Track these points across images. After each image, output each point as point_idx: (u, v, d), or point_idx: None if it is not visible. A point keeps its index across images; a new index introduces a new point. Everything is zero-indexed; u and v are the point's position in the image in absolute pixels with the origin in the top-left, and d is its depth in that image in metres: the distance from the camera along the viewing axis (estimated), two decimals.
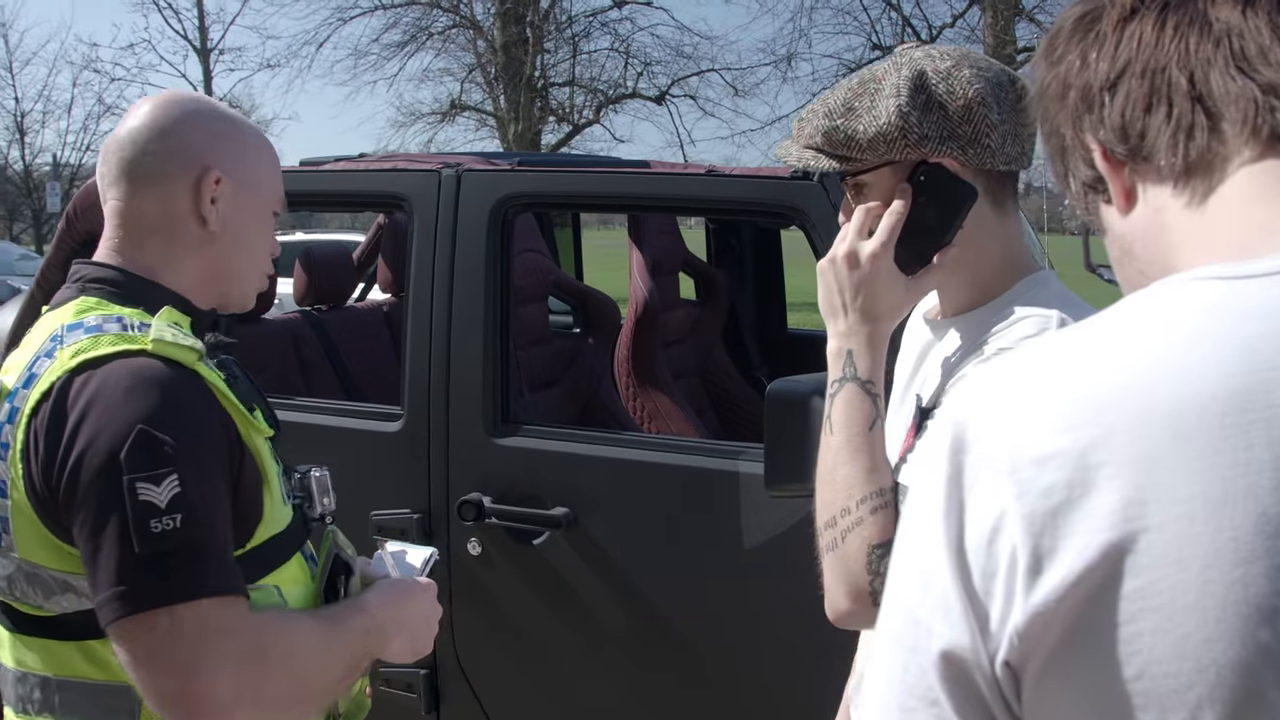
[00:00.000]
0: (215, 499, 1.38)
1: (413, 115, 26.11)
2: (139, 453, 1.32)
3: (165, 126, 1.54)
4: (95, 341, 1.39)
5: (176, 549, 1.32)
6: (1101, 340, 0.80)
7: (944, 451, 0.82)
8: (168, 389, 1.37)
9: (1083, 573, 0.73)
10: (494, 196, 2.81)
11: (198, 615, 1.32)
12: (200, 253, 1.56)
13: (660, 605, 2.66)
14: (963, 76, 1.41)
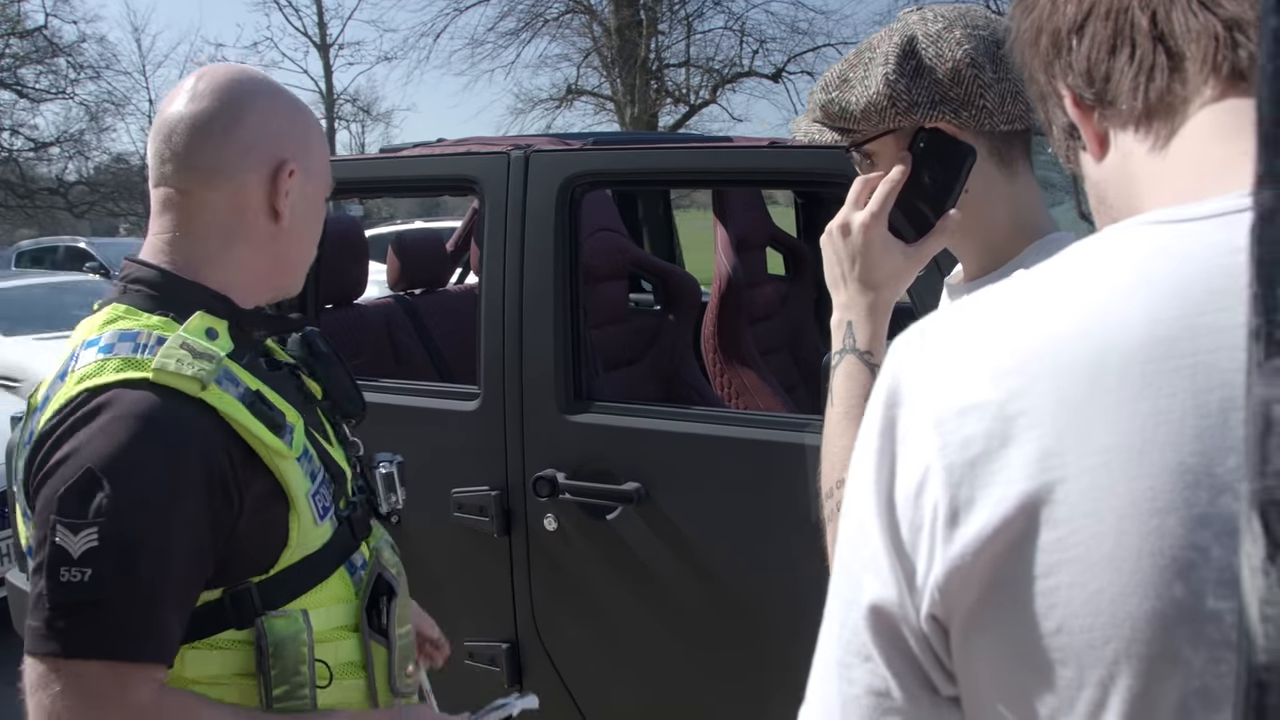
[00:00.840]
0: (151, 559, 1.29)
1: (530, 102, 26.40)
2: (71, 497, 1.27)
3: (237, 114, 1.46)
4: (101, 367, 1.35)
5: (76, 603, 1.26)
6: (1038, 290, 0.79)
7: (879, 404, 0.82)
8: (143, 433, 1.30)
9: (999, 525, 0.73)
10: (561, 176, 2.84)
11: (79, 675, 1.27)
12: (264, 246, 1.50)
13: (731, 578, 2.67)
14: (952, 38, 1.38)
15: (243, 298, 1.50)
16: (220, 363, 1.37)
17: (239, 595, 1.40)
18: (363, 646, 1.52)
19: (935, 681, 0.81)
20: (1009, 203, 1.44)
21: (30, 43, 31.73)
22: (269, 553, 1.42)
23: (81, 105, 33.71)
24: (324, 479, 1.49)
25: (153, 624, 1.30)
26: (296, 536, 1.43)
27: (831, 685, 0.85)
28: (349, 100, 37.06)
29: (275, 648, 1.39)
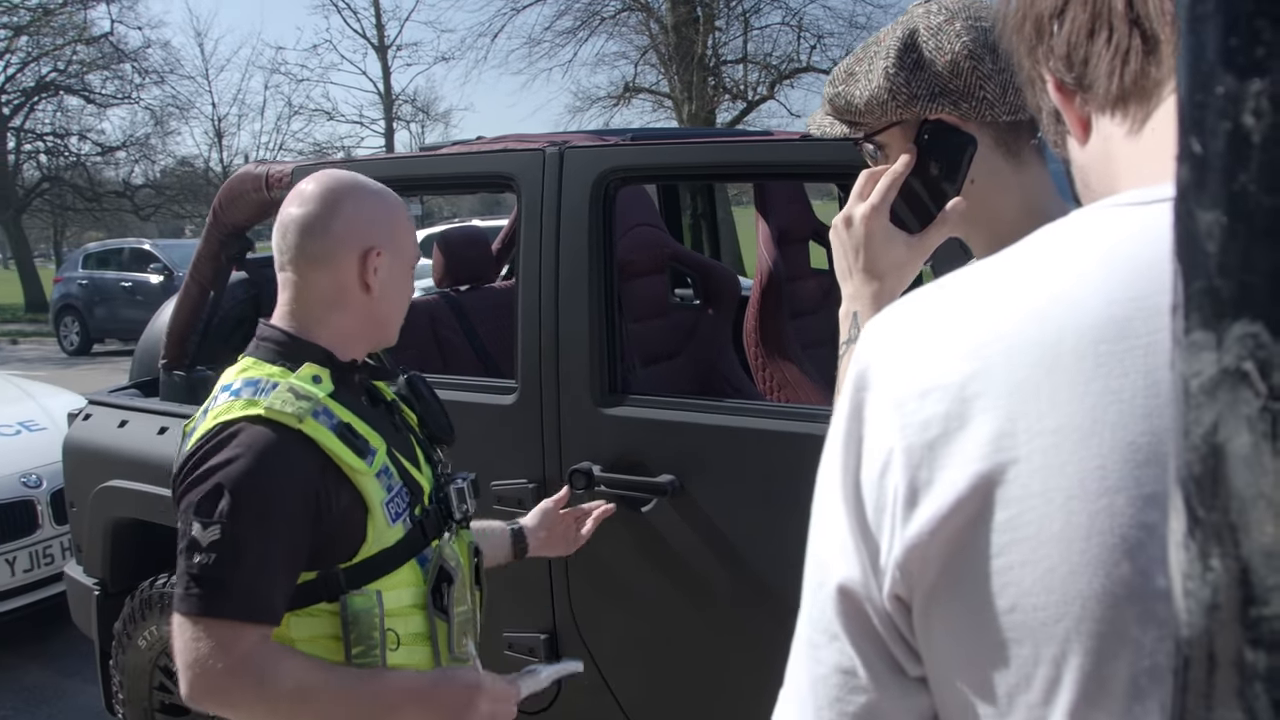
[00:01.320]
0: (251, 549, 1.75)
1: (588, 100, 26.46)
2: (204, 501, 1.76)
3: (333, 213, 1.90)
4: (230, 406, 1.82)
5: (203, 578, 1.74)
6: (1001, 273, 0.80)
7: (849, 387, 0.84)
8: (256, 456, 1.77)
9: (954, 505, 0.74)
10: (595, 171, 2.86)
11: (204, 628, 1.74)
12: (360, 310, 1.94)
13: (765, 570, 2.68)
14: (952, 30, 1.40)
15: (343, 352, 1.95)
16: (317, 402, 1.84)
17: (329, 577, 1.85)
18: (428, 621, 1.95)
19: (901, 661, 0.82)
20: (1017, 192, 1.45)
21: (96, 49, 32.30)
22: (351, 546, 1.86)
23: (147, 110, 34.30)
24: (400, 491, 1.92)
25: (258, 595, 1.76)
26: (372, 535, 1.86)
27: (802, 665, 0.87)
28: (407, 101, 37.40)
29: (354, 618, 1.84)
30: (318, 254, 1.90)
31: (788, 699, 0.90)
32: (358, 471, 1.84)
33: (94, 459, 3.97)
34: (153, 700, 3.83)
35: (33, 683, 5.40)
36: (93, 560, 4.02)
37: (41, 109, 33.26)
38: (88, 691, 5.12)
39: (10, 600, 5.49)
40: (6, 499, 5.51)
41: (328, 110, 36.84)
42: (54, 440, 5.27)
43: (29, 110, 32.94)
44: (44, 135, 33.31)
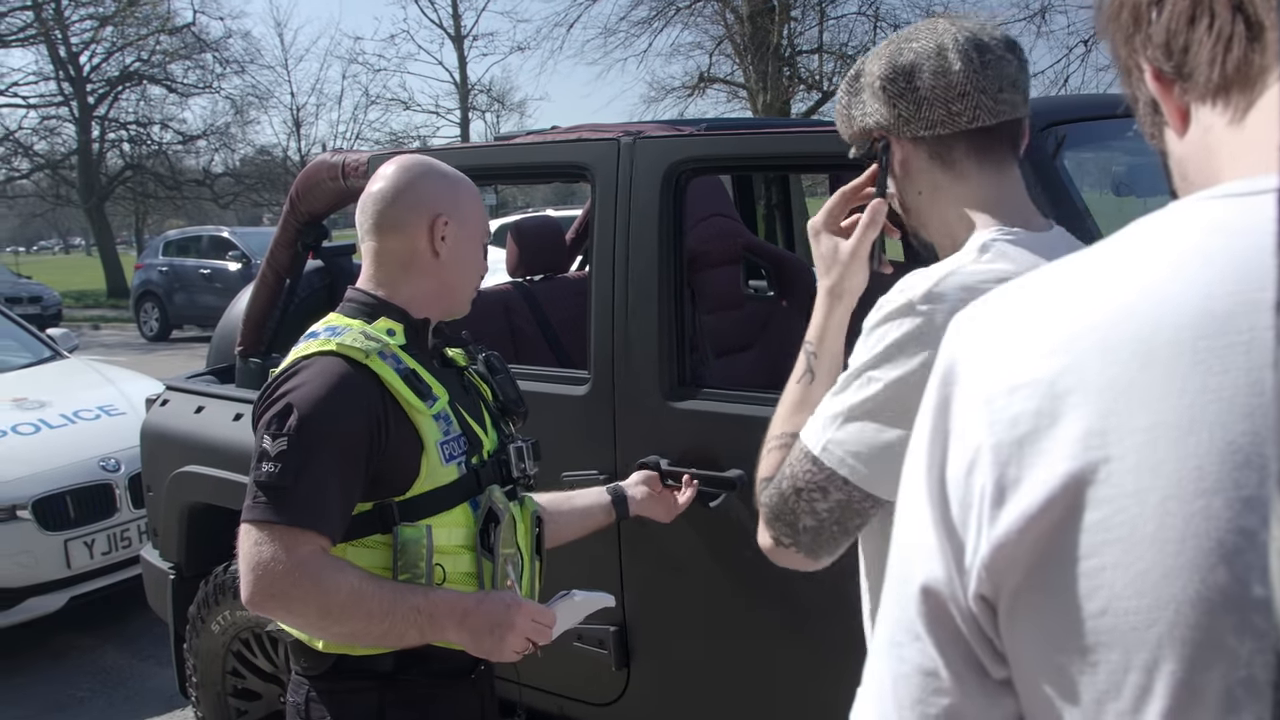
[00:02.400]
0: (314, 464, 1.91)
1: (663, 90, 26.36)
2: (277, 417, 1.94)
3: (404, 187, 2.13)
4: (307, 346, 2.04)
5: (270, 486, 1.90)
6: (1096, 266, 0.77)
7: (936, 382, 0.82)
8: (325, 382, 1.95)
9: (1044, 504, 0.72)
10: (666, 162, 2.83)
11: (268, 533, 1.89)
12: (431, 275, 2.14)
13: (834, 567, 2.63)
14: (879, 58, 1.58)
15: (417, 311, 2.15)
16: (386, 346, 2.04)
17: (383, 509, 2.01)
18: (475, 562, 2.09)
19: (985, 663, 0.80)
20: (958, 202, 1.56)
21: (179, 39, 32.82)
22: (405, 480, 2.01)
23: (227, 99, 34.78)
24: (458, 438, 2.09)
25: (318, 505, 1.91)
26: (426, 471, 2.03)
27: (884, 663, 0.86)
28: (483, 90, 37.59)
29: (402, 545, 2.00)
30: (392, 220, 2.12)
31: (868, 696, 0.88)
32: (416, 409, 2.02)
33: (170, 444, 4.02)
34: (225, 684, 3.87)
35: (109, 664, 5.50)
36: (168, 544, 4.07)
37: (125, 98, 33.90)
38: (162, 674, 5.21)
39: (88, 582, 5.60)
40: (86, 483, 5.62)
41: (404, 100, 37.15)
42: (133, 425, 5.36)
43: (113, 100, 33.57)
44: (127, 124, 33.92)
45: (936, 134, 1.54)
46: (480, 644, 2.02)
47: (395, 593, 1.95)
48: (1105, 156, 3.15)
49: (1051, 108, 2.60)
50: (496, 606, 2.02)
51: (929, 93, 1.53)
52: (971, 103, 1.51)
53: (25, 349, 7.37)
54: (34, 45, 31.86)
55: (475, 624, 1.99)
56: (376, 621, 1.93)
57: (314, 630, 2.00)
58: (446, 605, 1.98)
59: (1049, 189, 2.30)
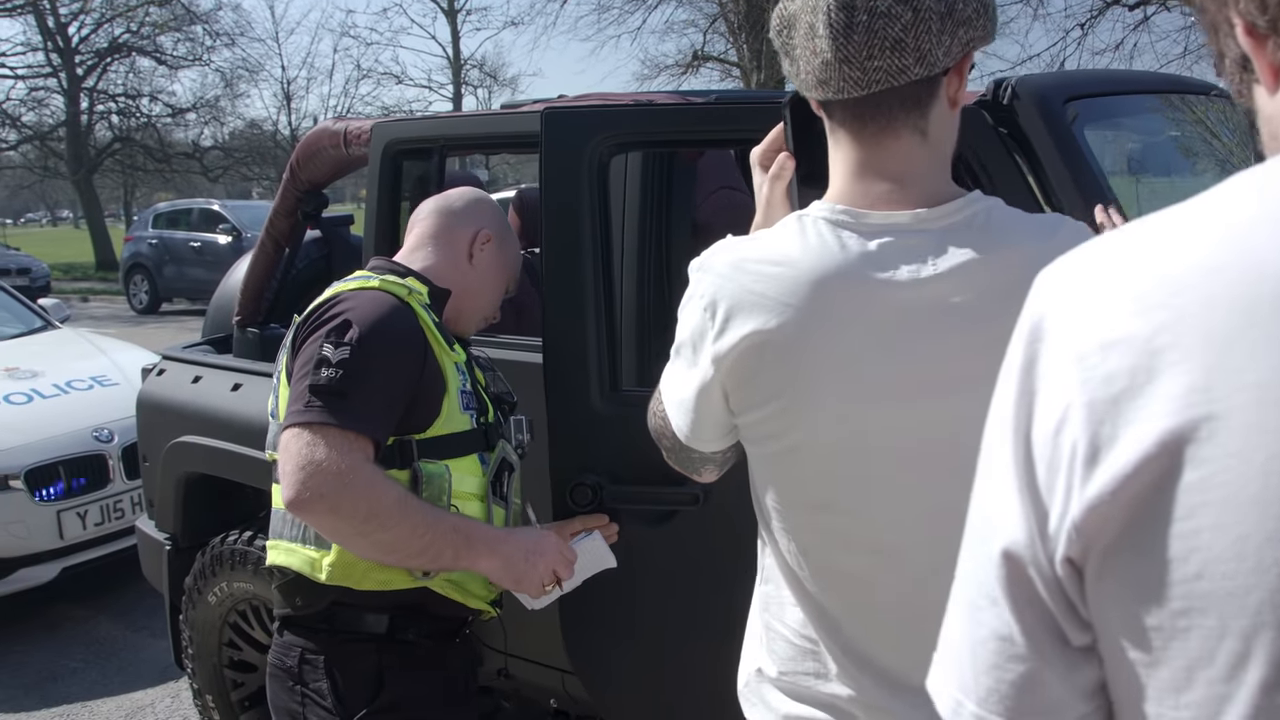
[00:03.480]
0: (372, 375, 1.98)
1: (656, 68, 26.31)
2: (336, 330, 2.01)
3: (472, 200, 2.39)
4: (346, 283, 2.17)
5: (329, 390, 1.94)
6: (1190, 219, 0.74)
7: (1021, 340, 0.79)
8: (377, 307, 2.06)
9: (1140, 463, 0.69)
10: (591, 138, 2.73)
11: (324, 434, 1.92)
12: (456, 268, 2.30)
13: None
14: None
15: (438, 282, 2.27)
16: (420, 297, 2.17)
17: (404, 444, 2.07)
18: (486, 510, 2.16)
19: (1065, 630, 0.78)
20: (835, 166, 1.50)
21: (169, 11, 32.52)
22: (427, 417, 2.09)
23: (217, 72, 34.59)
24: (470, 392, 2.20)
25: (372, 413, 1.97)
26: (446, 412, 2.11)
27: (961, 626, 0.84)
28: (475, 65, 37.42)
29: (427, 478, 2.06)
30: (446, 215, 2.35)
31: (945, 660, 0.86)
32: (444, 352, 2.13)
33: (167, 414, 3.97)
34: (221, 656, 3.84)
35: (102, 635, 5.47)
36: (164, 515, 4.03)
37: (114, 70, 33.64)
38: (156, 645, 5.18)
39: (81, 553, 5.56)
40: (79, 453, 5.58)
41: (396, 74, 37.23)
42: (126, 395, 5.32)
43: (102, 71, 33.32)
44: (116, 96, 33.68)
45: (814, 96, 1.47)
46: (512, 569, 2.07)
47: (435, 510, 2.02)
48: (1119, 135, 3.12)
49: (1072, 81, 2.57)
50: (529, 535, 2.15)
51: (800, 55, 1.43)
52: (835, 73, 1.39)
53: (17, 319, 7.32)
54: (22, 15, 31.58)
55: (509, 550, 2.07)
56: (419, 535, 1.96)
57: (353, 537, 1.96)
58: (481, 530, 2.07)
59: (1071, 166, 2.26)
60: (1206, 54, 1.21)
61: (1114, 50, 18.70)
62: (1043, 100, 2.32)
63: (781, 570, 1.60)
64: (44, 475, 5.42)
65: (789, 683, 1.61)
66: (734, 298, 1.43)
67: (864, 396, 1.41)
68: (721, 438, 1.59)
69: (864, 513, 1.48)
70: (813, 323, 1.40)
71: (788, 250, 1.42)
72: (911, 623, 1.37)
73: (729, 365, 1.46)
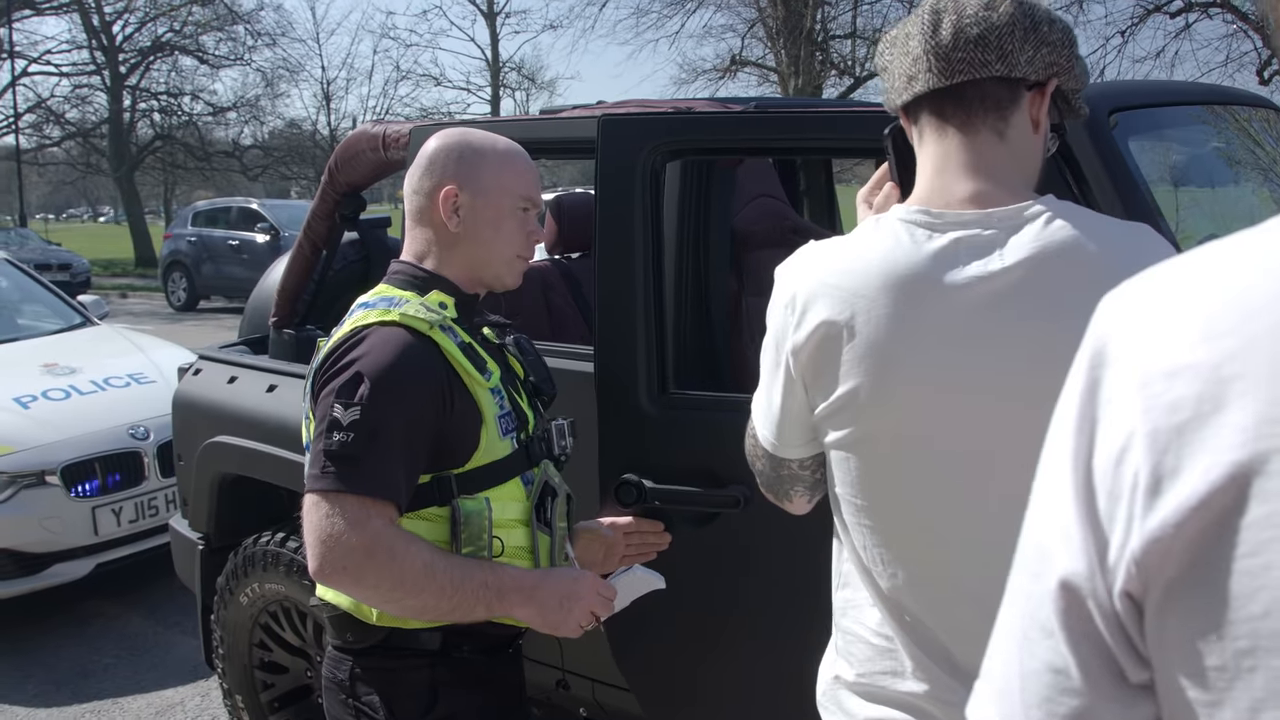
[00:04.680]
0: (386, 433, 1.89)
1: (695, 72, 26.33)
2: (347, 386, 1.92)
3: (425, 156, 2.12)
4: (366, 315, 2.01)
5: (342, 456, 1.86)
6: (1264, 243, 0.71)
7: (1083, 365, 0.77)
8: (390, 351, 1.94)
9: (1206, 496, 0.66)
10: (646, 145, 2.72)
11: (339, 503, 1.86)
12: (456, 249, 2.11)
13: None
14: None
15: (466, 286, 2.13)
16: (445, 318, 2.03)
17: (442, 481, 2.00)
18: (530, 535, 2.10)
19: (1123, 665, 0.75)
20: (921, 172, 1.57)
21: (211, 10, 32.89)
22: (464, 452, 2.01)
23: (258, 71, 34.91)
24: (509, 413, 2.09)
25: (390, 474, 1.90)
26: (485, 443, 2.03)
27: (1012, 657, 0.81)
28: (514, 68, 37.51)
29: (466, 518, 1.99)
30: (415, 194, 2.13)
31: (990, 692, 0.84)
32: (476, 382, 2.02)
33: (203, 414, 3.98)
34: (252, 657, 3.84)
35: (134, 632, 5.50)
36: (198, 514, 4.04)
37: (157, 69, 34.03)
38: (186, 643, 5.20)
39: (115, 550, 5.59)
40: (115, 450, 5.61)
41: (435, 76, 37.36)
42: (162, 393, 5.34)
43: (145, 69, 33.69)
44: (158, 94, 34.04)
45: (903, 101, 1.56)
46: (548, 617, 2.01)
47: (464, 567, 1.94)
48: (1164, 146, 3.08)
49: (1116, 92, 2.53)
50: (563, 579, 2.04)
51: (895, 64, 1.56)
52: (923, 65, 1.51)
53: (56, 315, 7.37)
54: (67, 14, 31.98)
55: (543, 598, 2.00)
56: (447, 596, 1.91)
57: (383, 604, 1.96)
58: (513, 580, 1.98)
59: (1116, 179, 2.23)
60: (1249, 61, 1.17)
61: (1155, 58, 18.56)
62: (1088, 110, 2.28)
63: (859, 571, 1.63)
64: (80, 471, 5.46)
65: (866, 685, 1.64)
66: (810, 291, 1.52)
67: (932, 387, 1.46)
68: (806, 442, 1.64)
69: (935, 505, 1.51)
70: (882, 314, 1.46)
71: (861, 247, 1.50)
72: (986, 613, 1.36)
73: (805, 357, 1.54)
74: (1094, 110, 2.32)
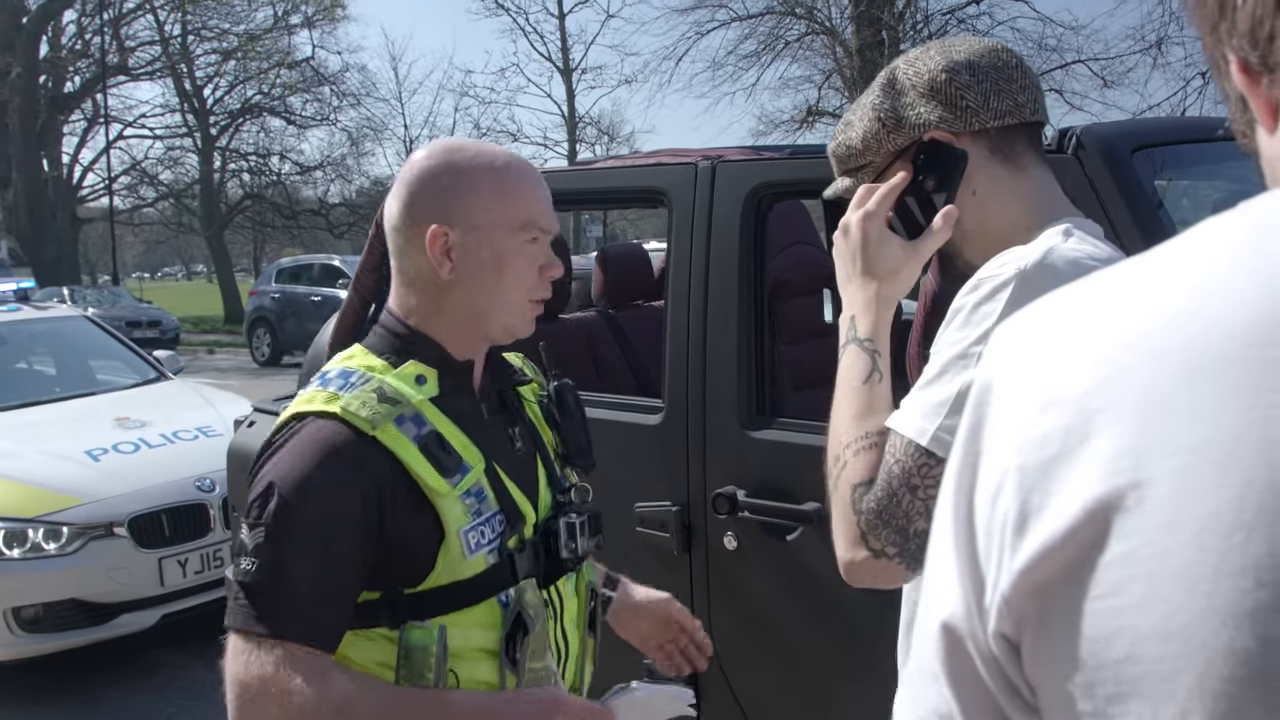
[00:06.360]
0: (298, 560, 1.53)
1: (772, 123, 26.35)
2: (256, 504, 1.55)
3: (402, 189, 1.69)
4: (311, 397, 1.62)
5: (248, 586, 1.53)
6: (1150, 267, 0.69)
7: (970, 403, 0.75)
8: (312, 457, 1.55)
9: (1066, 534, 0.64)
10: (747, 186, 2.77)
11: (246, 643, 1.52)
12: (449, 298, 1.68)
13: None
14: (927, 57, 1.51)
15: (458, 350, 1.71)
16: (406, 406, 1.61)
17: (392, 599, 1.61)
18: (499, 671, 1.66)
19: (1005, 709, 0.73)
20: (1018, 199, 1.49)
21: (298, 73, 33.78)
22: (417, 572, 1.60)
23: (343, 131, 35.71)
24: (491, 519, 1.65)
25: (303, 611, 1.53)
26: (443, 564, 1.60)
27: (906, 705, 0.80)
28: (591, 123, 37.90)
29: (406, 652, 1.60)
30: (394, 233, 1.69)
31: None
32: (436, 492, 1.59)
33: None
34: None
35: (198, 681, 5.55)
36: None
37: (246, 130, 35.05)
38: None
39: (181, 600, 5.67)
40: (181, 502, 5.70)
41: (513, 132, 37.58)
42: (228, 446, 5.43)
43: (234, 131, 34.68)
44: (247, 155, 35.00)
45: (1004, 124, 1.47)
46: None
47: (400, 699, 1.58)
48: (1204, 184, 3.02)
49: (1141, 130, 2.49)
50: (528, 707, 1.59)
51: (994, 84, 1.47)
52: (1031, 95, 1.49)
53: (132, 369, 7.56)
54: (161, 79, 33.00)
55: None
56: None
57: None
58: (468, 711, 1.58)
59: (1140, 219, 2.19)
60: None
61: None
62: (1109, 150, 2.25)
63: None
64: (147, 523, 5.56)
65: None
66: None
67: None
68: None
69: None
70: None
71: None
72: None
73: None
74: (1117, 147, 2.30)
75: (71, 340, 7.73)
